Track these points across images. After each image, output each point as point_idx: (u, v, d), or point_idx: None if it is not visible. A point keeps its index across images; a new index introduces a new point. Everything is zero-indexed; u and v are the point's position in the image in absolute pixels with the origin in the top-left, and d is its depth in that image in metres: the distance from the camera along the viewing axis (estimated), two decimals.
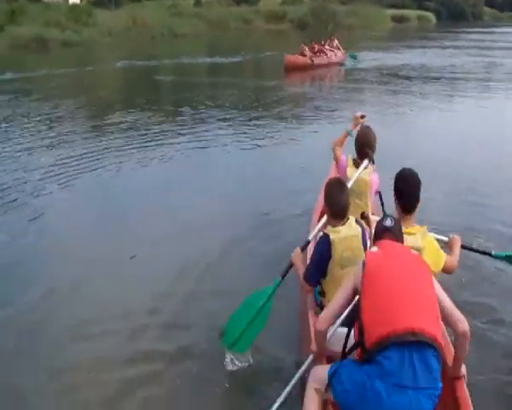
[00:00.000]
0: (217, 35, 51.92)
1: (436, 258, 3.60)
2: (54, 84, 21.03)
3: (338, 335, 3.33)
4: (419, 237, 3.56)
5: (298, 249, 4.34)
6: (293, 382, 3.41)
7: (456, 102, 16.79)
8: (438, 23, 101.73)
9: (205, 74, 25.39)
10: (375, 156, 5.04)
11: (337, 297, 3.10)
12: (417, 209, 3.75)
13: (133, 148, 11.01)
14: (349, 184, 4.54)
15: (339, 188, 3.94)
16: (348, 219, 3.92)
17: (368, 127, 5.27)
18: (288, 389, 3.39)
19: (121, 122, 13.60)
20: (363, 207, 4.89)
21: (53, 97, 17.57)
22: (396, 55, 32.48)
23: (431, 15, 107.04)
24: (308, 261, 4.16)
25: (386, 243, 3.09)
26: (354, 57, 27.48)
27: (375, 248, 3.05)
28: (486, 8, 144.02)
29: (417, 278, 2.87)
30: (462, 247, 4.21)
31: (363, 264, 2.96)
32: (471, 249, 4.68)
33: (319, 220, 4.60)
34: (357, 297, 3.06)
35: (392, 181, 3.81)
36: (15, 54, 34.07)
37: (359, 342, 2.84)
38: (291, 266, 4.29)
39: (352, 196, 4.64)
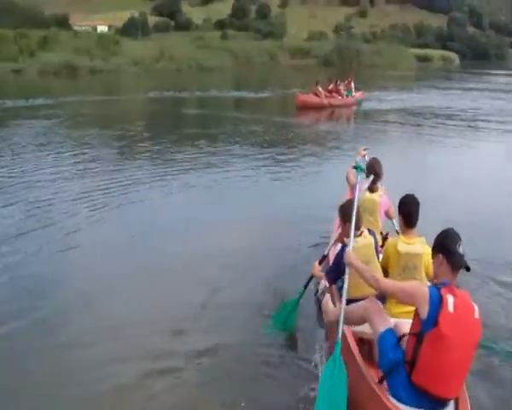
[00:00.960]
0: (242, 69, 52.82)
1: (431, 265, 4.30)
2: (83, 111, 21.64)
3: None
4: (419, 246, 4.56)
5: (316, 264, 5.25)
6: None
7: (472, 146, 16.70)
8: (461, 63, 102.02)
9: (229, 108, 25.79)
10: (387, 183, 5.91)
11: (398, 289, 3.74)
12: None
13: (158, 177, 11.26)
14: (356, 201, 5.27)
15: (354, 207, 4.70)
16: (363, 231, 4.76)
17: (375, 158, 6.17)
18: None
19: (147, 152, 13.95)
20: (373, 223, 5.82)
21: (82, 124, 18.10)
22: (418, 95, 32.67)
23: (455, 56, 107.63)
24: (329, 266, 5.00)
25: (461, 304, 3.42)
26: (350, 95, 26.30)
27: (451, 301, 3.39)
28: (511, 50, 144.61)
29: (470, 349, 3.48)
30: None
31: (436, 306, 3.38)
32: None
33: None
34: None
35: None
36: (45, 80, 34.97)
37: (410, 363, 3.49)
38: (311, 277, 5.33)
39: (365, 213, 5.63)
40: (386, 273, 4.67)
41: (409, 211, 4.62)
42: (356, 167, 4.60)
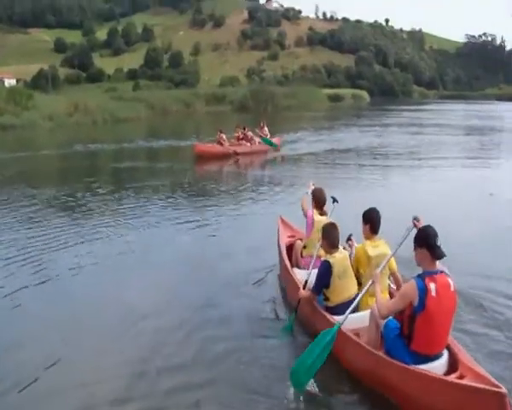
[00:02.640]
0: (158, 119, 52.78)
1: (392, 261, 5.84)
2: None
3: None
4: (383, 247, 5.83)
5: (301, 290, 6.27)
6: None
7: (390, 179, 17.48)
8: (371, 100, 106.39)
9: (144, 159, 25.27)
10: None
11: (396, 304, 4.85)
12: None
13: (75, 233, 11.04)
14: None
15: (333, 228, 6.05)
16: (338, 248, 5.99)
17: (320, 188, 7.53)
18: None
19: (64, 206, 13.73)
20: None
21: None
22: (336, 134, 33.74)
23: (364, 93, 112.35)
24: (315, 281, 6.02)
25: (440, 286, 4.61)
26: (269, 143, 24.38)
27: (433, 288, 4.57)
28: (415, 86, 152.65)
29: (450, 315, 4.75)
30: None
31: (423, 294, 4.57)
32: None
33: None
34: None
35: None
36: None
37: (408, 336, 4.78)
38: (299, 301, 6.28)
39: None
40: (358, 273, 5.96)
41: (374, 221, 5.90)
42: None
